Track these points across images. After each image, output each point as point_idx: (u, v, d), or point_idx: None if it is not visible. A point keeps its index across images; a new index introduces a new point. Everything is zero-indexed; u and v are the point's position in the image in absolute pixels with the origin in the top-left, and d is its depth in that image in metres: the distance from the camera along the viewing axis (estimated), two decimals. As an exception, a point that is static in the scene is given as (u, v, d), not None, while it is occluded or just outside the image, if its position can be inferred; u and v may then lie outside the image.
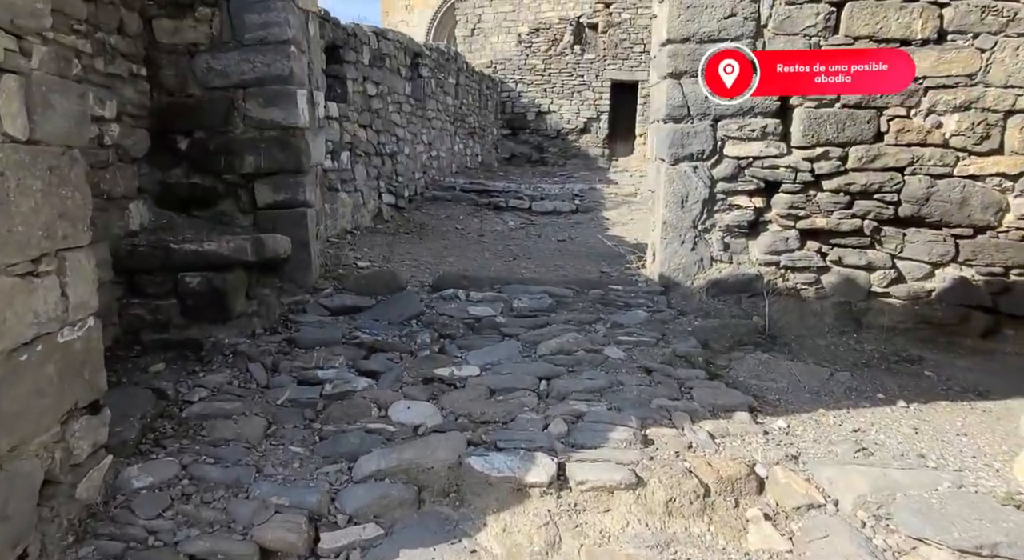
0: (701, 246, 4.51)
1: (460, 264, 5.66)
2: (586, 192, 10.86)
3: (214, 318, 3.92)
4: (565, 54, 16.99)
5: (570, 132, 17.16)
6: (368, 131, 7.86)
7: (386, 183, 8.48)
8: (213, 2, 4.22)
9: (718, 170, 4.42)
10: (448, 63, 11.74)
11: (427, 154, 10.43)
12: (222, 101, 4.33)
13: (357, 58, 7.48)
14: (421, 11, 25.54)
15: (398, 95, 8.90)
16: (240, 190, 4.45)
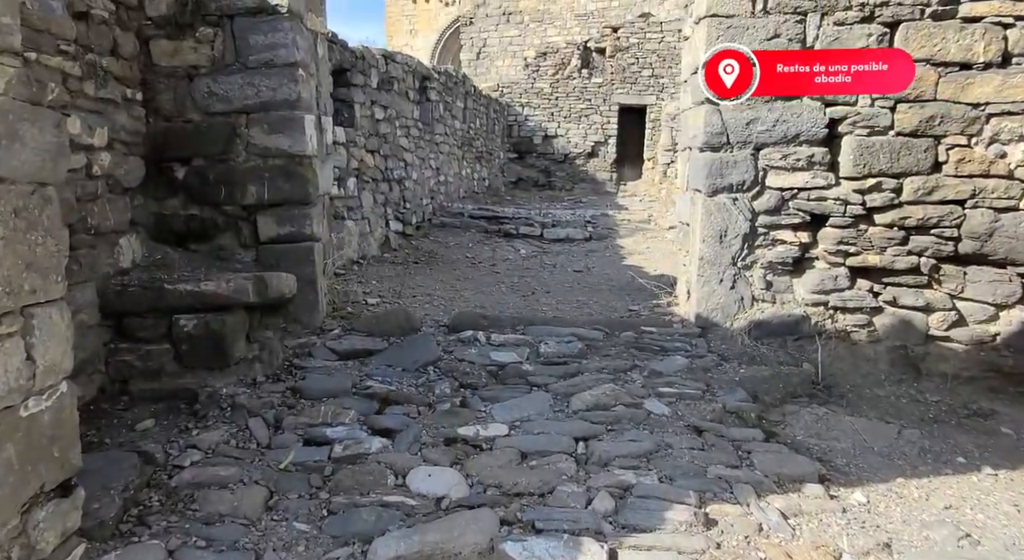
0: (741, 284, 4.14)
1: (476, 299, 5.29)
2: (598, 218, 10.53)
3: (211, 365, 3.55)
4: (572, 78, 16.80)
5: (577, 156, 16.91)
6: (375, 156, 7.56)
7: (393, 210, 8.15)
8: (216, 22, 3.91)
9: (759, 202, 4.08)
10: (456, 87, 11.49)
11: (435, 179, 10.13)
12: (223, 127, 4.00)
13: (365, 82, 7.19)
14: (425, 35, 25.51)
15: (406, 119, 8.62)
16: (242, 223, 4.10)
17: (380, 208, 7.76)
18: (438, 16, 25.10)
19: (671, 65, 16.41)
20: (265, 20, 3.90)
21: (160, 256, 3.95)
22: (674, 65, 16.41)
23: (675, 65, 16.42)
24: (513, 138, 16.98)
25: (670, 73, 16.44)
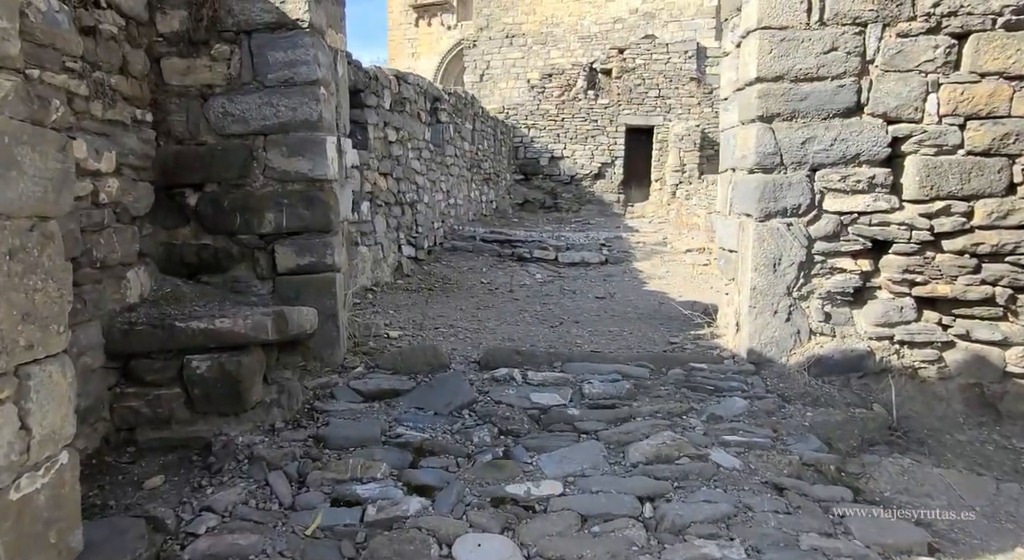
0: (797, 316, 3.82)
1: (502, 331, 4.95)
2: (612, 241, 10.23)
3: (226, 410, 3.21)
4: (578, 99, 16.62)
5: (584, 178, 16.68)
6: (388, 179, 7.27)
7: (406, 234, 7.85)
8: (232, 38, 3.62)
9: (816, 228, 3.77)
10: (465, 108, 11.27)
11: (445, 202, 9.85)
12: (239, 150, 3.69)
13: (378, 103, 6.93)
14: (428, 58, 25.44)
15: (418, 141, 8.35)
16: (258, 253, 3.77)
17: (393, 233, 7.46)
18: (440, 39, 25.05)
19: (677, 86, 16.26)
20: (285, 36, 3.61)
21: (170, 289, 3.62)
22: (680, 86, 16.27)
23: (682, 86, 16.27)
24: (519, 160, 16.76)
25: (677, 94, 16.28)
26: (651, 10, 20.08)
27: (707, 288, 7.47)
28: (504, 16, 21.44)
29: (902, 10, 3.54)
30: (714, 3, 19.43)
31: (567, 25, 20.98)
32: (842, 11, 3.60)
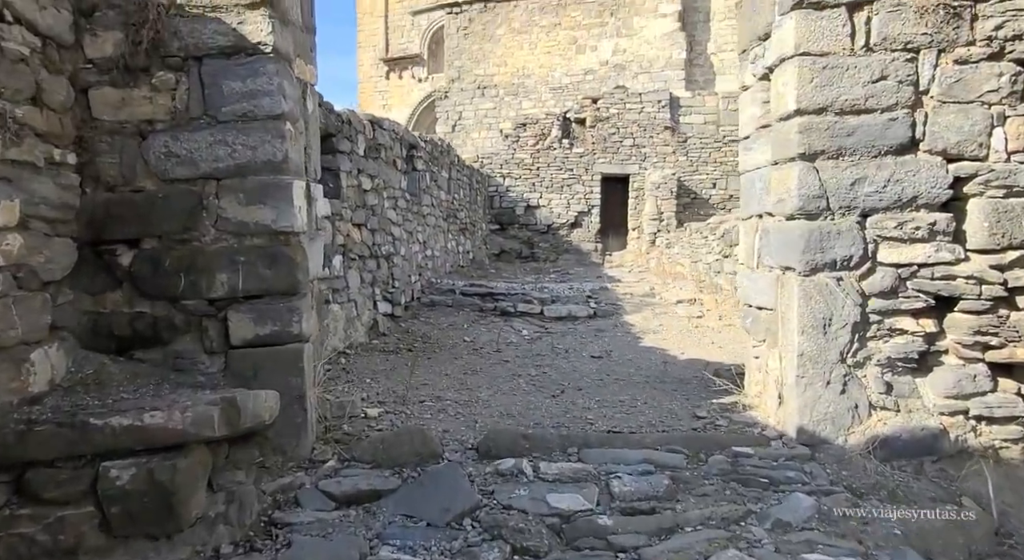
0: (854, 387, 3.21)
1: (497, 403, 4.24)
2: (598, 293, 9.64)
3: (154, 531, 2.44)
4: (553, 148, 16.30)
5: (561, 227, 16.22)
6: (363, 231, 6.61)
7: (382, 290, 7.14)
8: (179, 65, 2.97)
9: (870, 282, 3.20)
10: (442, 156, 10.74)
11: (423, 254, 9.20)
12: (186, 197, 3.01)
13: (352, 148, 6.32)
14: (399, 109, 25.14)
15: (393, 190, 7.74)
16: (207, 321, 3.05)
17: (368, 288, 6.75)
18: (411, 92, 24.84)
19: (652, 135, 16.06)
20: (243, 62, 2.98)
21: (93, 370, 2.87)
22: (655, 135, 16.07)
23: (656, 134, 16.07)
24: (495, 209, 16.27)
25: (651, 143, 16.07)
26: (621, 62, 20.14)
27: (708, 343, 6.88)
28: (475, 68, 21.32)
29: (959, 34, 3.07)
30: (683, 56, 19.57)
31: (538, 77, 20.91)
32: (891, 35, 3.11)
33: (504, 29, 21.00)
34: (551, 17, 20.65)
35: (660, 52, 19.72)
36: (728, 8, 19.65)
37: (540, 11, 20.68)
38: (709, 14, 19.81)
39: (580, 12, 20.42)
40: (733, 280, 9.11)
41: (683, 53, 19.52)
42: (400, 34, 24.64)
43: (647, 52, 19.86)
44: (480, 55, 21.21)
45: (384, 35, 24.71)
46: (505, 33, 20.99)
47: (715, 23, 19.77)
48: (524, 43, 20.92)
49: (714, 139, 15.93)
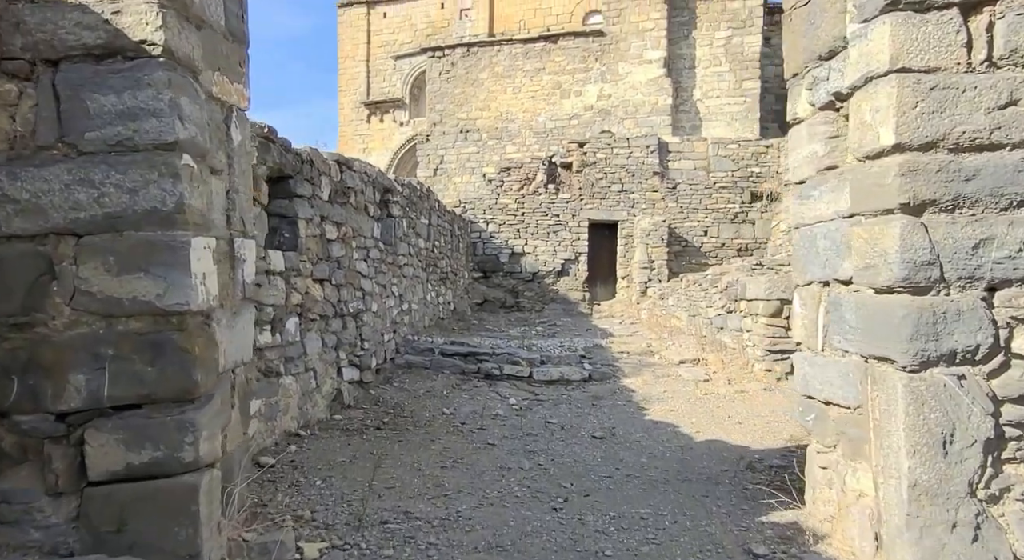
0: (990, 532, 2.25)
1: (482, 522, 3.21)
2: (592, 351, 8.69)
3: None
4: (539, 193, 15.54)
5: (547, 275, 15.33)
6: (326, 286, 5.63)
7: (348, 354, 6.13)
8: (23, 72, 2.04)
9: (1004, 382, 2.28)
10: (421, 201, 9.86)
11: (398, 308, 8.21)
12: (27, 262, 2.03)
13: (314, 192, 5.39)
14: (380, 153, 24.45)
15: (365, 239, 6.80)
16: (53, 447, 2.04)
17: (331, 353, 5.74)
18: (393, 135, 24.19)
19: (640, 181, 15.39)
20: (120, 70, 2.05)
21: None
22: (644, 180, 15.40)
23: (645, 180, 15.40)
24: (478, 256, 15.38)
25: (640, 189, 15.38)
26: (607, 107, 19.66)
27: (724, 418, 5.91)
28: (458, 112, 20.74)
29: (1117, 44, 2.24)
30: (669, 101, 19.13)
31: (522, 121, 20.36)
32: (1022, 46, 2.27)
33: (487, 73, 20.52)
34: (535, 62, 20.22)
35: (646, 97, 19.29)
36: (713, 56, 19.36)
37: (524, 56, 20.26)
38: (694, 61, 19.48)
39: (564, 57, 20.02)
40: (739, 338, 8.24)
41: (669, 99, 19.10)
42: (382, 78, 24.12)
43: (633, 97, 19.42)
44: (463, 99, 20.66)
45: (366, 79, 24.18)
46: (488, 77, 20.50)
47: (700, 70, 19.44)
48: (508, 87, 20.43)
49: (704, 185, 15.29)
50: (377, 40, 23.93)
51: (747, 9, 19.14)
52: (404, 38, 23.67)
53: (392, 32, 23.78)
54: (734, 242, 15.14)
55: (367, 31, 23.88)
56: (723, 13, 19.30)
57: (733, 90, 19.10)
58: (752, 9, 19.09)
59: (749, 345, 7.82)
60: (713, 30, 19.32)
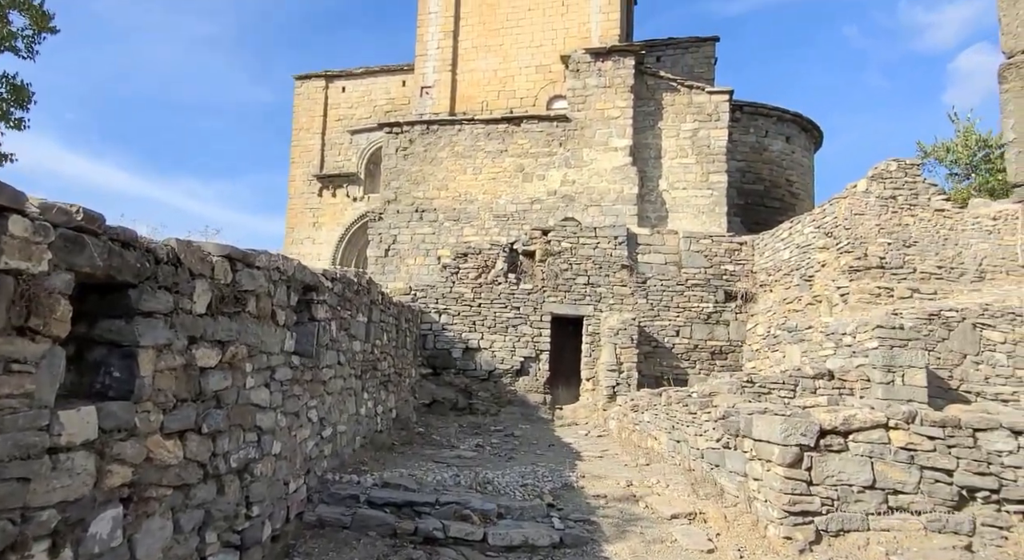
0: None
1: None
2: (561, 494, 6.84)
3: None
4: (498, 283, 13.96)
5: (504, 373, 13.53)
6: (189, 441, 3.73)
7: (223, 531, 4.15)
8: None
9: None
10: (359, 296, 8.08)
11: (316, 439, 6.26)
12: None
13: (177, 304, 3.58)
14: (330, 229, 22.73)
15: (269, 356, 4.95)
16: None
17: (191, 538, 3.77)
18: (345, 210, 22.59)
19: (608, 273, 14.00)
20: None
21: None
22: (612, 273, 14.01)
23: (613, 273, 14.02)
24: (428, 350, 13.53)
25: (608, 282, 13.97)
26: (570, 193, 18.57)
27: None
28: (414, 190, 19.34)
29: None
30: (635, 191, 18.15)
31: (482, 203, 19.05)
32: None
33: (447, 152, 19.31)
34: (497, 143, 19.15)
35: (611, 185, 18.29)
36: (679, 147, 18.63)
37: (486, 136, 19.18)
38: (660, 151, 18.71)
39: (528, 140, 19.02)
40: (744, 485, 6.51)
41: (635, 188, 18.13)
42: (337, 152, 22.73)
43: (598, 185, 18.40)
44: (420, 177, 19.31)
45: (320, 152, 22.74)
46: (448, 156, 19.29)
47: (666, 160, 18.64)
48: (468, 167, 19.22)
49: (676, 281, 13.99)
50: (334, 113, 22.69)
51: (713, 104, 18.63)
52: (362, 113, 22.51)
53: (350, 106, 22.61)
54: (708, 344, 13.72)
55: (324, 104, 22.66)
56: (689, 106, 18.74)
57: (700, 182, 18.28)
58: (718, 104, 18.59)
59: (759, 498, 6.12)
60: (679, 122, 18.68)
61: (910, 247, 9.77)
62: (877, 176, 10.84)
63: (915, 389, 7.68)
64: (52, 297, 2.60)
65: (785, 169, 21.07)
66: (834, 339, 9.08)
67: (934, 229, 9.69)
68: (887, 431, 5.65)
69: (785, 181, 20.99)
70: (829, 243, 11.23)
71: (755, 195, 20.50)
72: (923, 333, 7.90)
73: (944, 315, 7.88)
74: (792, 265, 12.59)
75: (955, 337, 7.78)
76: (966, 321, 7.77)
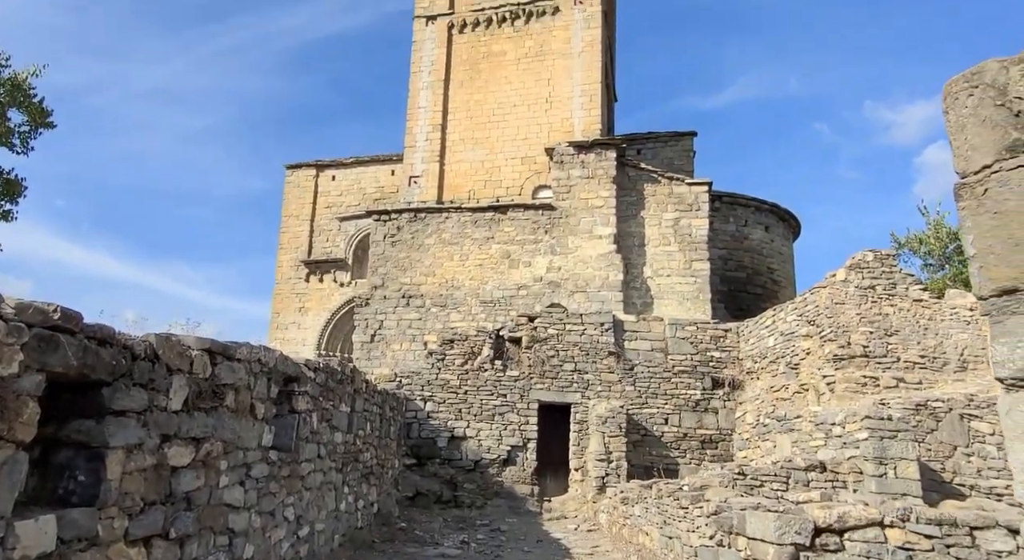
0: None
1: None
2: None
3: None
4: (484, 369, 13.79)
5: (491, 463, 13.13)
6: (153, 548, 3.52)
7: (185, 648, 3.85)
8: None
9: None
10: (342, 385, 7.92)
11: (292, 538, 5.94)
12: None
13: (152, 402, 3.46)
14: (316, 313, 22.63)
15: (246, 452, 4.77)
16: None
17: (148, 658, 3.48)
18: (332, 295, 22.57)
19: (595, 360, 13.91)
20: None
21: None
22: (599, 360, 13.92)
23: (600, 360, 13.93)
24: (412, 439, 13.16)
25: (595, 369, 13.85)
26: (556, 279, 18.73)
27: None
28: (401, 276, 19.43)
29: None
30: (620, 277, 18.36)
31: (468, 289, 19.13)
32: None
33: (434, 239, 19.58)
34: (484, 230, 19.47)
35: (597, 272, 18.50)
36: (662, 236, 19.03)
37: (473, 224, 19.53)
38: (644, 239, 19.08)
39: (514, 228, 19.37)
40: (741, 586, 6.24)
41: (620, 275, 18.34)
42: (325, 237, 22.98)
43: (583, 271, 18.61)
44: (407, 263, 19.46)
45: (308, 238, 22.98)
46: (435, 243, 19.54)
47: (650, 248, 18.98)
48: (455, 254, 19.44)
49: (663, 368, 13.90)
50: (324, 201, 23.12)
51: (693, 194, 19.20)
52: (351, 200, 22.95)
53: (340, 194, 23.08)
54: (697, 433, 13.47)
55: (314, 192, 23.12)
56: (670, 196, 19.30)
57: (683, 270, 18.55)
58: (697, 195, 19.16)
59: (757, 602, 5.83)
60: (661, 211, 19.17)
61: (892, 336, 9.85)
62: (855, 266, 11.07)
63: (909, 482, 7.51)
64: (20, 400, 2.50)
65: (766, 257, 21.50)
66: (823, 429, 8.96)
67: (914, 319, 9.81)
68: (883, 529, 5.46)
69: (766, 268, 21.37)
70: (812, 331, 11.30)
71: (738, 282, 20.79)
72: (912, 423, 7.82)
73: (931, 405, 7.84)
74: (777, 353, 12.60)
75: (944, 428, 7.70)
76: (953, 412, 7.72)
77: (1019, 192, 1.69)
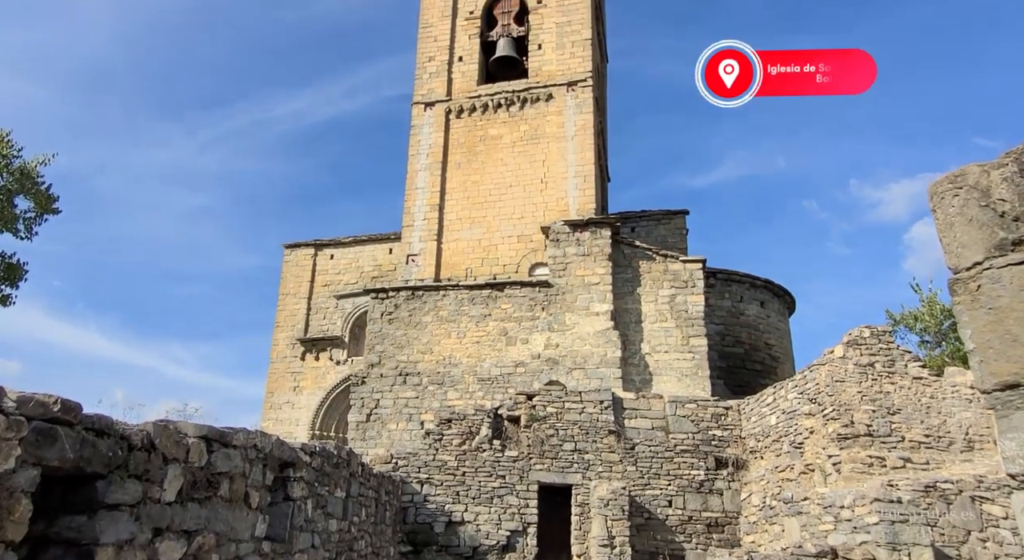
0: None
1: None
2: None
3: None
4: (482, 450, 13.49)
5: (490, 550, 12.62)
6: (140, 653, 3.33)
7: None
8: None
9: None
10: (337, 470, 7.73)
11: (281, 638, 5.63)
12: None
13: (146, 493, 3.38)
14: (311, 392, 22.31)
15: (239, 544, 4.60)
16: None
17: None
18: (327, 374, 22.33)
19: (595, 439, 13.64)
20: None
21: None
22: (599, 439, 13.65)
23: (600, 439, 13.66)
24: (408, 524, 12.69)
25: (595, 448, 13.56)
26: (554, 356, 18.61)
27: None
28: (398, 354, 19.30)
29: None
30: (618, 354, 18.26)
31: (466, 366, 18.97)
32: None
33: (431, 316, 19.59)
34: (481, 307, 19.51)
35: (595, 349, 18.42)
36: (658, 312, 19.09)
37: (470, 301, 19.59)
38: (641, 315, 19.12)
39: (511, 305, 19.42)
40: None
41: (618, 351, 18.26)
42: (322, 315, 22.98)
43: (581, 348, 18.53)
44: (404, 341, 19.38)
45: (305, 316, 22.97)
46: (432, 320, 19.53)
47: (647, 324, 19.00)
48: (452, 331, 19.39)
49: (665, 447, 13.62)
50: (321, 279, 23.27)
51: (687, 271, 19.41)
52: (349, 278, 23.11)
53: (337, 272, 23.26)
54: (702, 515, 13.05)
55: (312, 270, 23.31)
56: (665, 273, 19.50)
57: (681, 346, 18.50)
58: (692, 272, 19.36)
59: None
60: (657, 288, 19.32)
61: (894, 415, 9.74)
62: (852, 342, 11.08)
63: (924, 569, 7.22)
64: (13, 497, 2.44)
65: (763, 332, 21.51)
66: (832, 512, 8.70)
67: (915, 397, 9.73)
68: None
69: (764, 344, 21.34)
70: (814, 409, 11.17)
71: (736, 358, 20.70)
72: (922, 506, 7.61)
73: (940, 487, 7.66)
74: (780, 431, 12.40)
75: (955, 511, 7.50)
76: (963, 493, 7.54)
77: (1011, 289, 1.74)
